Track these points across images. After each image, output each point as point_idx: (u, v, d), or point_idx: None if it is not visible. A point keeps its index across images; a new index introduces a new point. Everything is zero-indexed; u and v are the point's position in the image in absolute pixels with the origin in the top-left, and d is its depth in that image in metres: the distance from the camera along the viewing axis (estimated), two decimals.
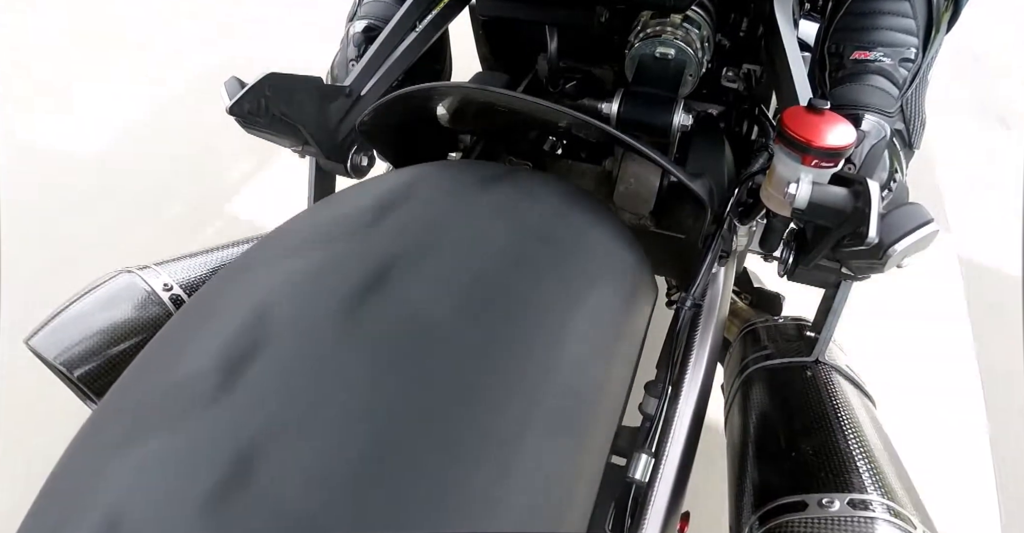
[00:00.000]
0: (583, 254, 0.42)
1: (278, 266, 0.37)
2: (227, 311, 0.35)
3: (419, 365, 0.31)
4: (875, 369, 0.67)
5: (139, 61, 1.92)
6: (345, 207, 0.42)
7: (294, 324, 0.33)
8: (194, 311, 0.37)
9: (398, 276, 0.35)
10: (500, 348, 0.34)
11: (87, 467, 0.30)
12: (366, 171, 0.63)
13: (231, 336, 0.32)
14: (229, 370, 0.31)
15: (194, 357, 0.32)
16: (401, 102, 0.51)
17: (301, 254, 0.37)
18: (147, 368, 0.35)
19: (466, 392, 0.31)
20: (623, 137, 0.47)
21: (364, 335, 0.32)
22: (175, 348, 0.34)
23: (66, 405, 0.56)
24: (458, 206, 0.41)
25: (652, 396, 0.49)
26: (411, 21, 0.64)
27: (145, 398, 0.32)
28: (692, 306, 0.52)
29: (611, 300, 0.42)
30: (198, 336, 0.34)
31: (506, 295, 0.36)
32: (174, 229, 1.43)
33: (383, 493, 0.27)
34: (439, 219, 0.40)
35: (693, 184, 0.49)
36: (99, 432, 0.32)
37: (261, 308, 0.34)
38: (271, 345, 0.32)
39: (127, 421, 0.31)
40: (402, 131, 0.58)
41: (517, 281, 0.37)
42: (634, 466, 0.45)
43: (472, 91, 0.50)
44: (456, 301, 0.35)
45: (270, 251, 0.39)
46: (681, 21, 0.63)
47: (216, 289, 0.37)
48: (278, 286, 0.35)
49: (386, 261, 0.36)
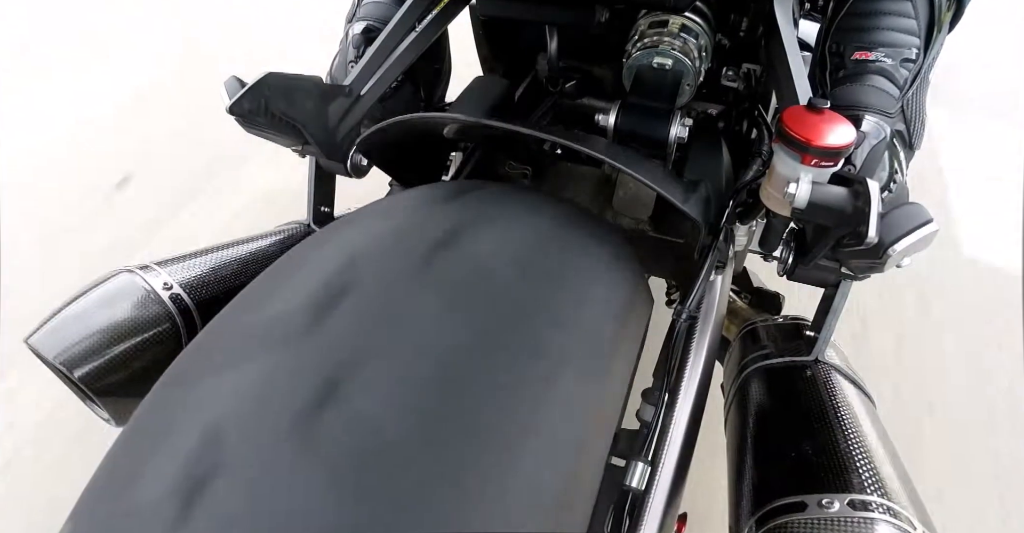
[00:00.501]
0: (580, 266, 0.43)
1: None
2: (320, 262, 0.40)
3: (419, 384, 0.32)
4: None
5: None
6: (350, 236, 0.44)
7: (382, 269, 0.38)
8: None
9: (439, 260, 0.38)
10: (500, 354, 0.35)
11: (185, 387, 0.34)
12: (366, 171, 0.63)
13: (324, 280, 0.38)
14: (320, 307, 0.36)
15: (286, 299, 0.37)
16: (398, 126, 0.52)
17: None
18: (241, 308, 0.39)
19: (467, 397, 0.32)
20: (615, 163, 0.48)
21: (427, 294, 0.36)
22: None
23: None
24: (462, 233, 0.42)
25: (649, 404, 0.49)
26: (411, 21, 0.64)
27: (239, 333, 0.36)
28: (688, 318, 0.52)
29: (609, 310, 0.43)
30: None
31: (505, 303, 0.37)
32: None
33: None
34: (447, 249, 0.41)
35: (687, 204, 0.50)
36: (194, 360, 0.36)
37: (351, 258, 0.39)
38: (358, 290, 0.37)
39: (222, 352, 0.34)
40: (402, 144, 0.59)
41: (517, 291, 0.38)
42: (631, 474, 0.45)
43: (467, 122, 0.52)
44: (458, 310, 0.36)
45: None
46: (679, 31, 0.63)
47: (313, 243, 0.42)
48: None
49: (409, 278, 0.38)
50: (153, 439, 0.32)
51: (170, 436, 0.31)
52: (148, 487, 0.29)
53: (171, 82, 1.80)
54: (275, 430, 0.29)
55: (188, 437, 0.30)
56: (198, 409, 0.32)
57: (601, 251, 0.47)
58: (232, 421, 0.30)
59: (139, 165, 1.54)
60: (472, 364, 0.34)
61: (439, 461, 0.29)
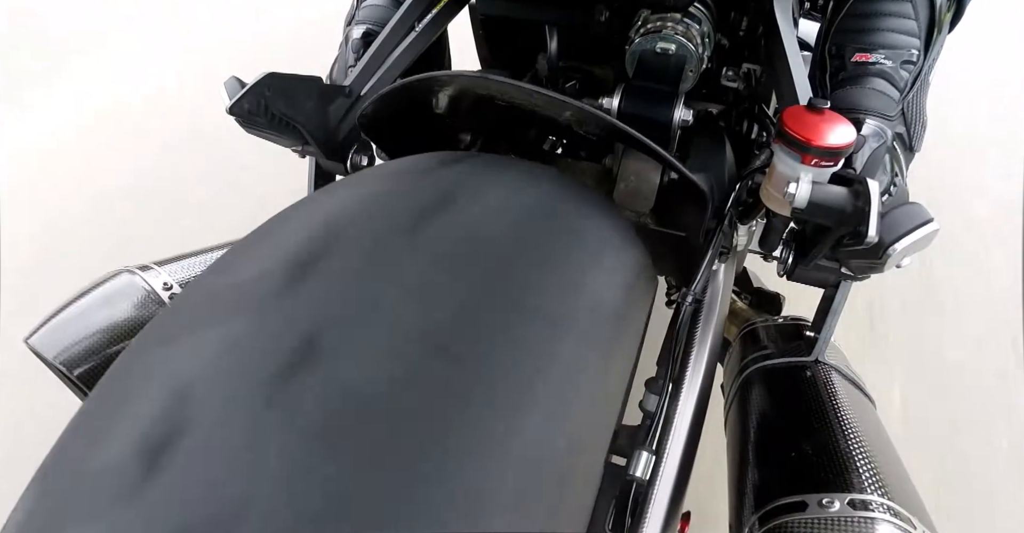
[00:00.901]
0: (580, 246, 0.42)
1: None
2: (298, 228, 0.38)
3: (415, 362, 0.31)
4: None
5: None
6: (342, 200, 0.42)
7: (365, 231, 0.36)
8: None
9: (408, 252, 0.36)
10: (496, 342, 0.33)
11: (155, 350, 0.32)
12: None
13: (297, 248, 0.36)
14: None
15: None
16: (402, 93, 0.51)
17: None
18: (217, 272, 0.37)
19: (459, 389, 0.31)
20: (626, 128, 0.46)
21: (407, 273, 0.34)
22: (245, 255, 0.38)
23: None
24: (456, 196, 0.41)
25: (652, 393, 0.48)
26: (410, 21, 0.64)
27: (212, 295, 0.34)
28: (693, 302, 0.51)
29: (610, 292, 0.41)
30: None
31: (503, 287, 0.36)
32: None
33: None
34: (439, 212, 0.39)
35: (695, 177, 0.49)
36: (165, 324, 0.34)
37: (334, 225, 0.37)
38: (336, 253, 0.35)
39: (193, 314, 0.33)
40: (403, 128, 0.58)
41: (514, 273, 0.37)
42: (635, 464, 0.44)
43: (474, 80, 0.50)
44: (453, 294, 0.34)
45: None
46: (682, 17, 0.63)
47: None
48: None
49: (395, 240, 0.36)
50: (119, 401, 0.31)
51: (137, 398, 0.30)
52: (111, 448, 0.28)
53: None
54: (246, 390, 0.28)
55: (155, 399, 0.29)
56: (165, 371, 0.31)
57: (603, 228, 0.45)
58: (201, 382, 0.29)
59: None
60: (460, 328, 0.32)
61: (417, 423, 0.28)
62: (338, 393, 0.28)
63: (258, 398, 0.28)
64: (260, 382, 0.28)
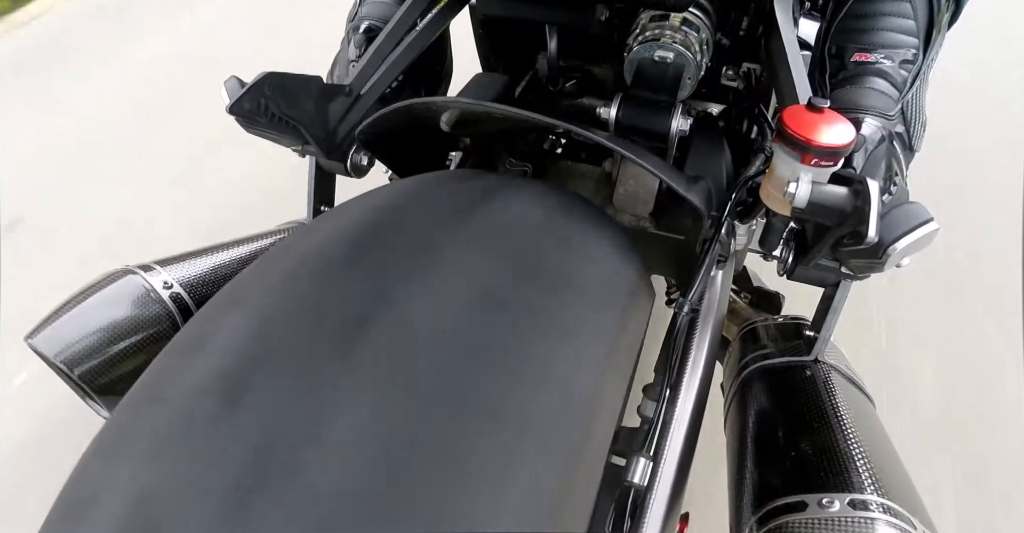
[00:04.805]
0: (580, 260, 0.43)
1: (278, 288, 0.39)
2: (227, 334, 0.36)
3: (419, 373, 0.32)
4: None
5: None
6: (338, 227, 0.43)
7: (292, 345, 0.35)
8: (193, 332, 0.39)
9: (401, 292, 0.36)
10: (498, 352, 0.34)
11: (108, 462, 0.32)
12: (366, 170, 0.63)
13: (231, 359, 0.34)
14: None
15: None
16: (399, 113, 0.52)
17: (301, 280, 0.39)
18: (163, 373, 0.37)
19: (465, 397, 0.32)
20: (618, 148, 0.47)
21: (364, 353, 0.33)
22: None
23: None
24: (453, 220, 0.42)
25: (650, 399, 0.49)
26: (411, 20, 0.64)
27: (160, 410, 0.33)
28: (689, 311, 0.52)
29: (609, 304, 0.42)
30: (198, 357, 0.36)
31: (504, 300, 0.37)
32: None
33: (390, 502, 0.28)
34: (435, 234, 0.40)
35: (689, 192, 0.49)
36: (113, 441, 0.34)
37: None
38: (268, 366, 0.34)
39: (141, 432, 0.33)
40: (402, 137, 0.59)
41: (515, 287, 0.38)
42: (633, 470, 0.45)
43: (469, 106, 0.51)
44: (454, 310, 0.35)
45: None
46: (680, 24, 0.63)
47: (212, 313, 0.40)
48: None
49: (385, 280, 0.37)
50: (195, 346, 0.34)
51: (212, 347, 0.33)
52: (188, 385, 0.32)
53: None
54: (320, 340, 0.32)
55: (232, 340, 0.33)
56: (238, 324, 0.34)
57: (603, 242, 0.46)
58: (277, 331, 0.33)
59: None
60: (467, 332, 0.34)
61: (432, 421, 0.30)
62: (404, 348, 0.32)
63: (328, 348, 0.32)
64: (334, 335, 0.32)
